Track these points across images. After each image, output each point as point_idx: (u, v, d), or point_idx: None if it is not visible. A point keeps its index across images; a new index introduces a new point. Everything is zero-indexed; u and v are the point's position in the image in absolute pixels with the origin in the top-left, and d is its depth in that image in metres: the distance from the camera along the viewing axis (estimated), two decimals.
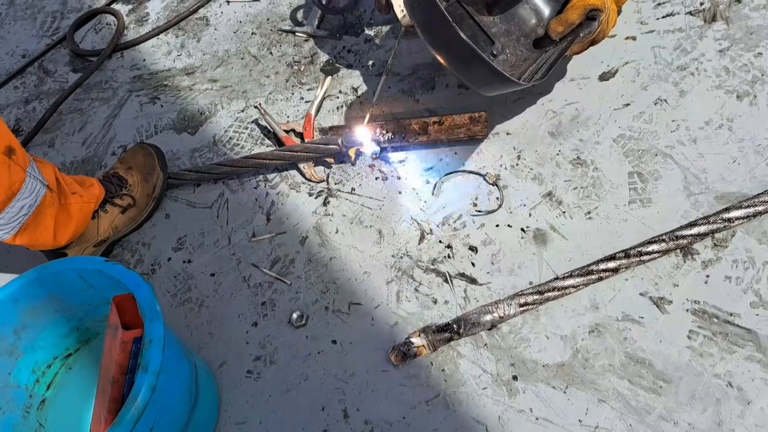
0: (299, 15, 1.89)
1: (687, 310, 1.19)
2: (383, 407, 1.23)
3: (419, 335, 1.25)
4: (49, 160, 1.55)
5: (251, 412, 1.27)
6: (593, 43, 1.27)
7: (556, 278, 1.27)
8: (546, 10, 1.39)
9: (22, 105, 2.00)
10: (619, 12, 1.28)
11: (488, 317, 1.24)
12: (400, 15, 1.37)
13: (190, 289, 1.47)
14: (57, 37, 2.14)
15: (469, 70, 1.20)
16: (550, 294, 1.24)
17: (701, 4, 1.52)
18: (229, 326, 1.40)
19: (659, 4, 1.56)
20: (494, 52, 1.38)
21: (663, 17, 1.54)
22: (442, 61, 1.24)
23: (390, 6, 1.40)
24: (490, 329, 1.25)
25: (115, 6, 2.17)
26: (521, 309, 1.24)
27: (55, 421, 1.28)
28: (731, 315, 1.17)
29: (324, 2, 1.80)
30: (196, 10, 2.02)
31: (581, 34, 1.22)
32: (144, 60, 1.97)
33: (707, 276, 1.21)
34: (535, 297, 1.24)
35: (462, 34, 1.11)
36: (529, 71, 1.33)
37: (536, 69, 1.32)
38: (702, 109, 1.39)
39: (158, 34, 2.02)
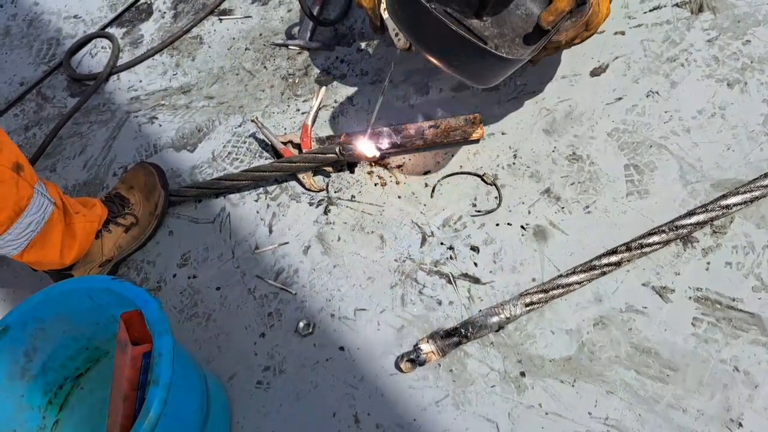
0: (292, 29, 1.91)
1: (690, 297, 1.20)
2: (394, 410, 1.23)
3: (428, 341, 1.25)
4: None
5: (263, 422, 1.28)
6: (587, 27, 1.25)
7: (560, 275, 1.28)
8: (536, 9, 1.38)
9: (22, 132, 2.02)
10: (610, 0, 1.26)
11: (495, 319, 1.25)
12: (394, 38, 1.34)
13: (196, 304, 1.49)
14: (53, 63, 2.17)
15: (466, 62, 1.17)
16: (554, 292, 1.25)
17: None
18: (237, 338, 1.41)
19: None
20: None
21: (650, 11, 1.55)
22: (436, 62, 1.20)
23: (384, 27, 1.39)
24: (497, 331, 1.26)
25: (110, 30, 2.19)
26: (527, 309, 1.25)
27: None
28: (734, 300, 1.17)
29: (315, 14, 1.82)
30: (189, 30, 2.05)
31: (573, 19, 1.21)
32: (140, 81, 2.00)
33: (708, 263, 1.22)
34: (540, 296, 1.25)
35: (451, 25, 1.09)
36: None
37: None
38: (694, 98, 1.40)
39: (153, 55, 2.04)
